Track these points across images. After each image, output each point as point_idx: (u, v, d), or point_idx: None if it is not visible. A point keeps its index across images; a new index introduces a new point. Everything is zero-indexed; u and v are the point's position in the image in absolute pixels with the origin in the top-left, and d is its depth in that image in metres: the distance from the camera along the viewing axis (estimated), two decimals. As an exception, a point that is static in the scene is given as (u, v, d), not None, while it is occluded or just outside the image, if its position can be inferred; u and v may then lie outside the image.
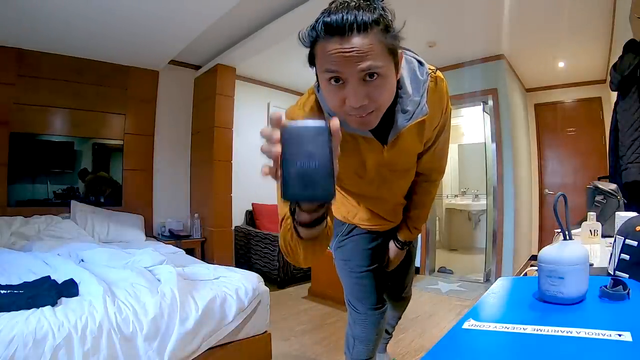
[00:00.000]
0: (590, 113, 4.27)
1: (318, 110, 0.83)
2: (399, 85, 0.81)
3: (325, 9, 0.68)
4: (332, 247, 1.28)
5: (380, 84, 0.69)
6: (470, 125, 5.45)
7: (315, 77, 0.76)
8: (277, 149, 0.48)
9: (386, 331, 1.53)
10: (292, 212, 0.62)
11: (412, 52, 0.85)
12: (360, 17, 0.64)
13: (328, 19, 0.65)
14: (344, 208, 1.17)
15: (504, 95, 3.59)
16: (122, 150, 3.52)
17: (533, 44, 3.37)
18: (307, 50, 0.72)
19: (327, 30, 0.65)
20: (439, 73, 0.87)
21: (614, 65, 1.81)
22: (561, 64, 3.85)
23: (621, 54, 1.79)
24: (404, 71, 0.82)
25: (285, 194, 0.49)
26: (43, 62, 3.09)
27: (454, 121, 5.61)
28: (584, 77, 4.16)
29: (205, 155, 3.65)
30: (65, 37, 2.87)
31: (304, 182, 0.49)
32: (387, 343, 1.60)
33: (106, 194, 3.46)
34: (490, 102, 3.66)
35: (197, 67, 3.94)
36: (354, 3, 0.66)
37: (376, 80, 0.68)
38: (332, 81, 0.69)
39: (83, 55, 3.24)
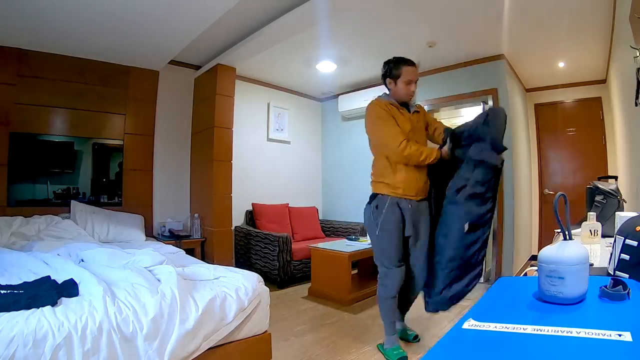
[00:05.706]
0: (590, 113, 4.27)
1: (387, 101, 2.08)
2: None
3: (399, 58, 2.06)
4: (371, 219, 2.04)
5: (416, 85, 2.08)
6: (470, 125, 5.43)
7: (385, 86, 2.12)
8: None
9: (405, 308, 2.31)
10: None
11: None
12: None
13: (407, 59, 2.05)
14: (388, 184, 2.03)
15: (504, 95, 3.58)
16: (122, 150, 3.53)
17: (533, 44, 3.36)
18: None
19: (408, 63, 2.03)
20: None
21: None
22: (561, 64, 3.85)
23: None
24: None
25: None
26: (43, 62, 3.09)
27: (454, 121, 5.62)
28: (584, 77, 4.16)
29: (205, 155, 3.65)
30: (65, 38, 2.88)
31: None
32: (404, 314, 2.34)
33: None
34: (490, 102, 3.65)
35: (197, 67, 3.94)
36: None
37: (416, 84, 2.07)
38: (408, 83, 2.02)
39: (83, 56, 3.25)
